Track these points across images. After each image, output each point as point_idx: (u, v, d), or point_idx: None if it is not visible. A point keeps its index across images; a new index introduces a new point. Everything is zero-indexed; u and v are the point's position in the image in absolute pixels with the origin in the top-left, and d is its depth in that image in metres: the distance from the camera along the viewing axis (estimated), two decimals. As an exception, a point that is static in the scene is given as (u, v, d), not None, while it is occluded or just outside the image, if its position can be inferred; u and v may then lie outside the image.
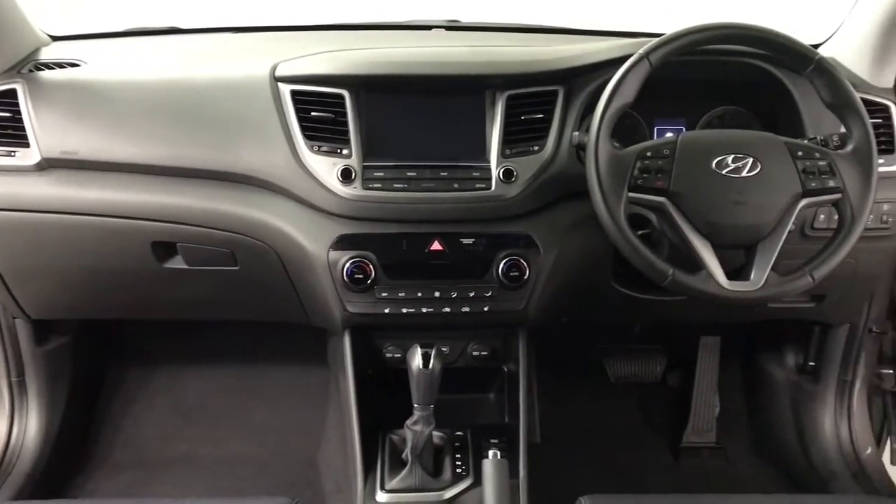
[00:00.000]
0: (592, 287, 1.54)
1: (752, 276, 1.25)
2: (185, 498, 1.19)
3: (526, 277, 1.42)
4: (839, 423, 1.83)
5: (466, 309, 1.45)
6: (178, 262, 1.51)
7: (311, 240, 1.40)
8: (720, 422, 2.08)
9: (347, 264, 1.39)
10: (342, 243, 1.40)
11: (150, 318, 1.75)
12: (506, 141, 1.41)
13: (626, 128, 1.53)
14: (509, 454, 1.44)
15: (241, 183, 1.43)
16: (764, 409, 2.05)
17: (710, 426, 2.07)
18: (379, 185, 1.38)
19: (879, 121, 1.47)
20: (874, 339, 1.80)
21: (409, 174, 1.40)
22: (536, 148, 1.42)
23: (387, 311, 1.43)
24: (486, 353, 1.57)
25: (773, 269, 1.25)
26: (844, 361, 1.80)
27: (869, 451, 1.81)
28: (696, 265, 1.25)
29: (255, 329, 1.93)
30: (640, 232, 1.30)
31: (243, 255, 1.47)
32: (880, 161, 1.29)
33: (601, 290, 1.54)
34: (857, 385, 1.81)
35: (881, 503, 1.26)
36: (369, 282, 1.41)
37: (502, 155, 1.40)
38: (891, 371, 1.81)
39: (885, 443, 1.88)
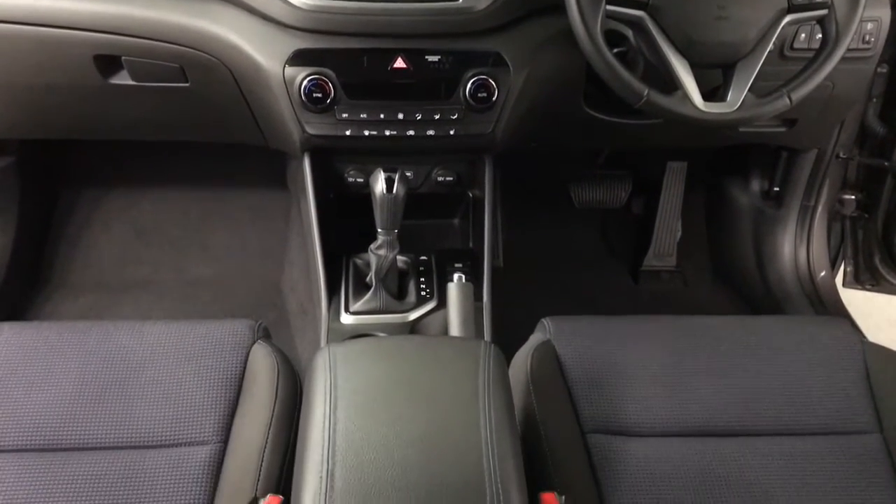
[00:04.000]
0: (563, 110, 1.49)
1: (729, 96, 1.20)
2: (146, 320, 1.17)
3: (494, 99, 1.36)
4: (798, 247, 1.86)
5: (431, 132, 1.39)
6: (123, 78, 1.41)
7: (266, 54, 1.31)
8: (681, 246, 2.11)
9: (305, 82, 1.31)
10: (299, 59, 1.31)
11: (97, 139, 1.67)
12: None
13: None
14: (473, 278, 1.45)
15: None
16: (725, 234, 2.08)
17: (670, 251, 2.10)
18: None
19: None
20: (840, 165, 1.79)
21: None
22: None
23: (348, 133, 1.37)
24: (451, 178, 1.54)
25: (750, 90, 1.21)
26: (808, 187, 1.81)
27: (823, 273, 1.86)
28: (672, 85, 1.19)
29: (213, 151, 1.86)
30: (615, 50, 1.23)
31: (193, 70, 1.38)
32: (871, -25, 1.22)
33: (572, 114, 1.49)
34: (819, 210, 1.83)
35: (830, 322, 1.29)
36: (328, 101, 1.33)
37: None
38: (852, 197, 1.82)
39: (839, 266, 1.93)
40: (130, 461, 0.99)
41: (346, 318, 1.43)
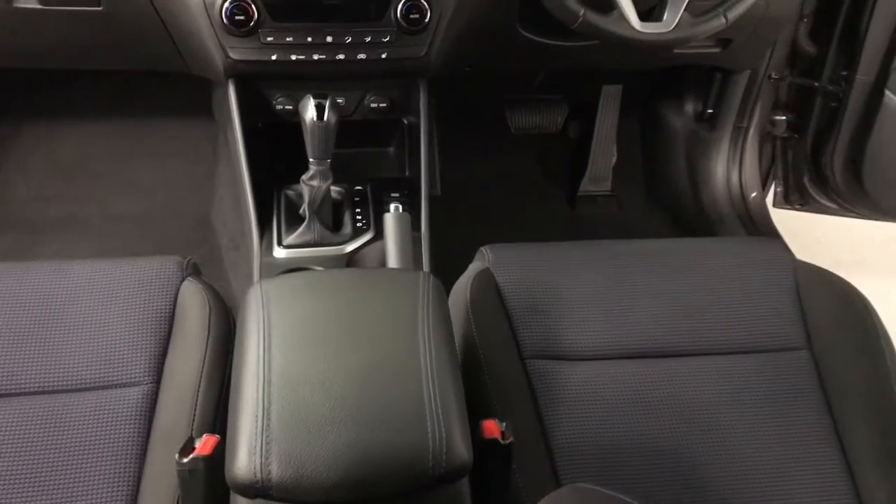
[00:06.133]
0: (498, 32, 1.45)
1: (665, 16, 1.19)
2: (72, 260, 1.12)
3: (427, 20, 1.31)
4: (731, 168, 1.89)
5: (363, 56, 1.34)
6: (29, 1, 1.31)
7: None
8: (616, 170, 2.11)
9: (226, 4, 1.24)
10: None
11: (6, 67, 1.56)
12: None
13: None
14: (411, 207, 1.42)
15: None
16: (660, 157, 2.09)
17: (606, 175, 2.10)
18: None
19: None
20: (772, 86, 1.80)
21: None
22: None
23: (274, 57, 1.31)
24: (384, 104, 1.49)
25: (686, 9, 1.19)
26: (742, 108, 1.82)
27: (755, 194, 1.89)
28: (608, 5, 1.17)
29: (135, 80, 1.77)
30: (550, -32, 1.20)
31: None
32: None
33: (507, 35, 1.45)
34: (751, 131, 1.85)
35: (762, 242, 1.32)
36: (252, 24, 1.26)
37: None
38: (783, 117, 1.84)
39: (770, 186, 1.96)
40: (57, 406, 0.96)
41: (280, 252, 1.39)
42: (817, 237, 2.26)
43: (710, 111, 1.89)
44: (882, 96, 1.57)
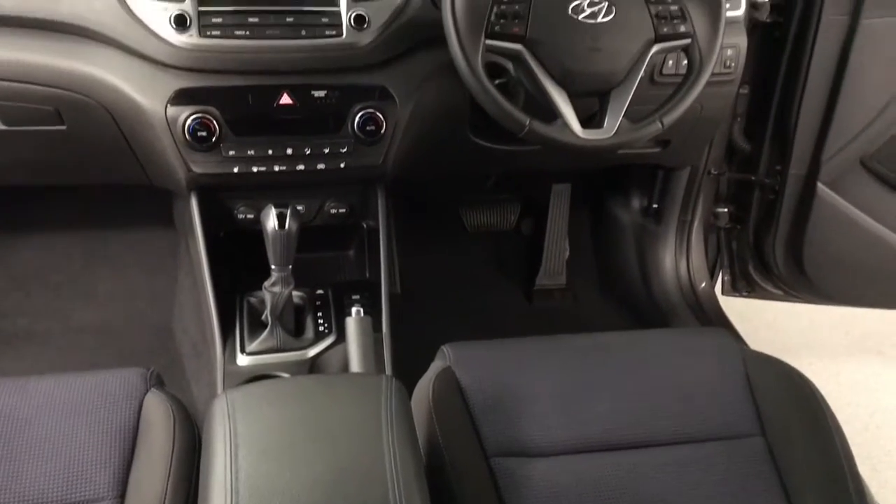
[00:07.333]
0: (450, 139, 1.52)
1: (606, 123, 1.26)
2: (30, 376, 1.11)
3: (383, 131, 1.37)
4: (678, 259, 1.96)
5: (322, 166, 1.39)
6: None
7: (146, 95, 1.28)
8: (570, 265, 2.18)
9: (188, 121, 1.28)
10: (181, 98, 1.28)
11: None
12: None
13: None
14: (372, 309, 1.45)
15: (62, 32, 1.27)
16: (611, 251, 2.16)
17: (560, 269, 2.16)
18: (218, 33, 1.26)
19: None
20: (712, 181, 1.90)
21: (251, 20, 1.28)
22: None
23: (235, 170, 1.35)
24: (343, 210, 1.54)
25: (625, 116, 1.27)
26: (684, 202, 1.90)
27: (703, 284, 1.96)
28: (552, 114, 1.24)
29: (93, 191, 1.79)
30: (496, 81, 1.28)
31: (70, 113, 1.33)
32: (727, 6, 1.31)
33: (459, 143, 1.52)
34: (696, 224, 1.93)
35: (711, 333, 1.37)
36: (214, 140, 1.31)
37: None
38: (725, 210, 1.93)
39: (718, 276, 2.04)
40: None
41: (243, 360, 1.40)
42: (767, 321, 2.34)
43: (655, 206, 1.98)
44: (815, 188, 1.67)
